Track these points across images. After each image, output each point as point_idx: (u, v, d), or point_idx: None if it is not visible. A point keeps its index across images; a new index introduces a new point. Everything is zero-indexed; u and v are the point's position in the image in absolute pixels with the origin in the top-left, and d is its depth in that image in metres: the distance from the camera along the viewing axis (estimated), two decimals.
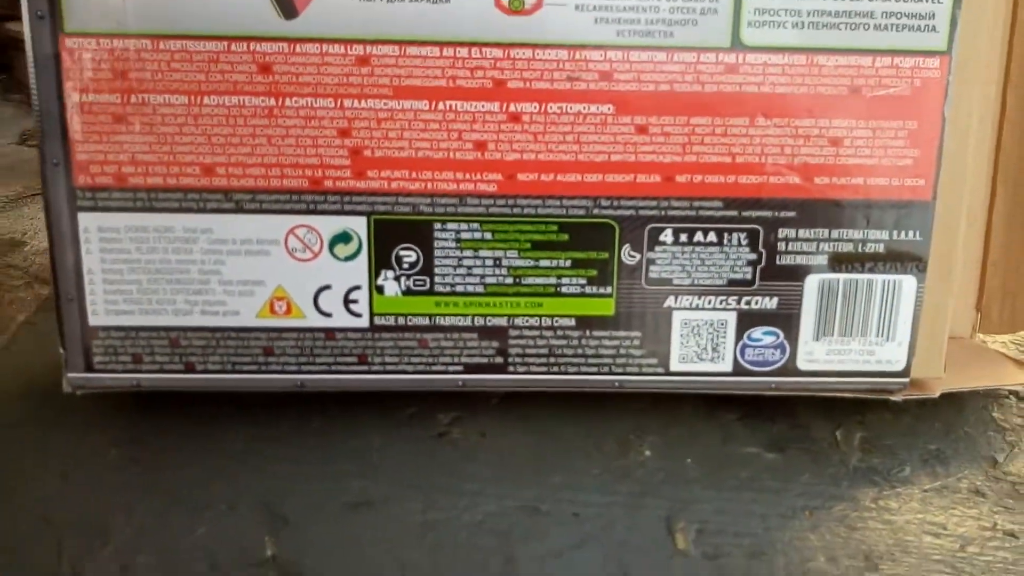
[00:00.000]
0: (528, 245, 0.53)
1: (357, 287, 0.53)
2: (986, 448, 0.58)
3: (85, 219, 0.51)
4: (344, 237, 0.52)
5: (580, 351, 0.54)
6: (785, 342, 0.55)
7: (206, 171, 0.51)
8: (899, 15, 0.50)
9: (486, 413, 0.59)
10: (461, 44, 0.49)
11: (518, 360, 0.54)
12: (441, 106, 0.50)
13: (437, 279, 0.53)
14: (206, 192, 0.51)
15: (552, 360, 0.54)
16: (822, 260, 0.53)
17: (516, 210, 0.52)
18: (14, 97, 1.59)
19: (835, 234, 0.53)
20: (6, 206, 1.15)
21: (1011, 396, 0.64)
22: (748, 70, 0.50)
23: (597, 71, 0.50)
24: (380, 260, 0.52)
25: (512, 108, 0.51)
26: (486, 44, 0.50)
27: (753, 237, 0.53)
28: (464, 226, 0.52)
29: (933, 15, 0.50)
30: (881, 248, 0.53)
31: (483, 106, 0.50)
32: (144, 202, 0.51)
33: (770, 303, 0.54)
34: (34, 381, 0.60)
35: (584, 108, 0.51)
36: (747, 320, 0.54)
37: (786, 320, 0.54)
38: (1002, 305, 0.67)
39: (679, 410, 0.59)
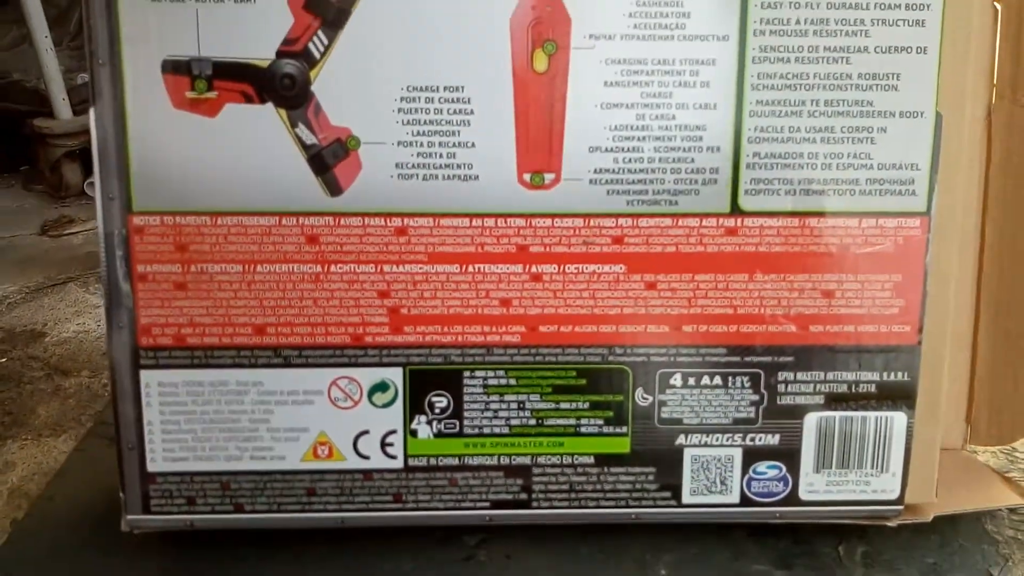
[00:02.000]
0: (550, 389, 0.58)
1: (393, 431, 0.58)
2: (981, 562, 0.62)
3: (146, 376, 0.56)
4: (382, 387, 0.57)
5: (599, 487, 0.59)
6: (788, 475, 0.59)
7: (258, 331, 0.56)
8: (882, 181, 0.56)
9: (510, 535, 0.63)
10: (488, 215, 0.55)
11: (541, 496, 0.59)
12: (471, 269, 0.56)
13: (466, 422, 0.58)
14: (257, 349, 0.56)
15: (573, 496, 0.59)
16: (819, 400, 0.58)
17: (538, 358, 0.57)
18: (36, 187, 1.65)
19: (830, 376, 0.58)
20: (27, 297, 1.20)
21: (1002, 507, 0.68)
22: (746, 232, 0.56)
23: (610, 236, 0.56)
24: (414, 406, 0.57)
25: (534, 269, 0.56)
26: (510, 215, 0.55)
27: (755, 380, 0.58)
28: (491, 374, 0.57)
29: (913, 180, 0.56)
30: (873, 388, 0.58)
31: (508, 268, 0.56)
32: (201, 359, 0.56)
33: (773, 439, 0.59)
34: (88, 509, 0.64)
35: (598, 268, 0.56)
36: (752, 455, 0.59)
37: (788, 455, 0.59)
38: (989, 420, 0.71)
39: (691, 528, 0.63)
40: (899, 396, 0.58)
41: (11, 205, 1.58)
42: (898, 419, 0.59)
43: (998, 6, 0.66)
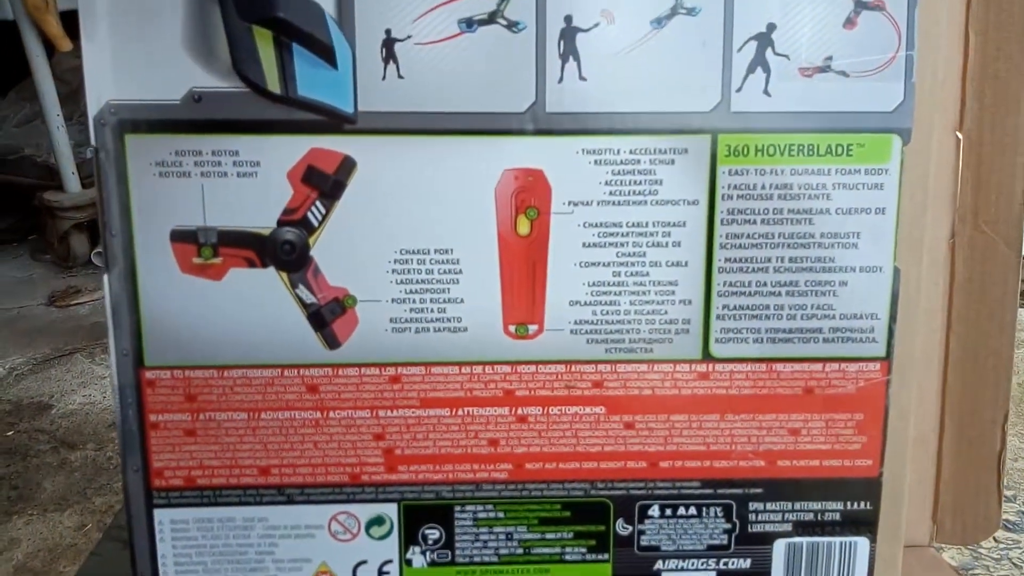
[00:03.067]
0: (536, 521, 0.62)
1: (389, 560, 0.62)
2: None
3: (160, 514, 0.60)
4: (378, 521, 0.61)
5: None
6: None
7: (262, 472, 0.60)
8: (843, 330, 0.60)
9: None
10: (477, 363, 0.59)
11: None
12: (460, 412, 0.60)
13: (458, 552, 0.62)
14: (262, 488, 0.60)
15: None
16: (787, 527, 0.62)
17: (524, 493, 0.61)
18: (44, 258, 1.68)
19: (797, 506, 0.62)
20: (34, 368, 1.22)
21: None
22: (717, 377, 0.60)
23: (590, 381, 0.60)
24: (409, 538, 0.61)
25: (519, 411, 0.60)
26: (497, 363, 0.59)
27: (727, 510, 0.62)
28: (480, 508, 0.61)
29: (873, 329, 0.60)
30: (837, 517, 0.62)
31: (495, 411, 0.60)
32: (210, 498, 0.60)
33: (744, 563, 0.63)
34: None
35: (580, 410, 0.60)
36: None
37: None
38: (954, 519, 0.76)
39: None
40: (862, 523, 0.62)
41: (19, 275, 1.61)
42: (861, 543, 0.63)
43: (959, 135, 0.70)
